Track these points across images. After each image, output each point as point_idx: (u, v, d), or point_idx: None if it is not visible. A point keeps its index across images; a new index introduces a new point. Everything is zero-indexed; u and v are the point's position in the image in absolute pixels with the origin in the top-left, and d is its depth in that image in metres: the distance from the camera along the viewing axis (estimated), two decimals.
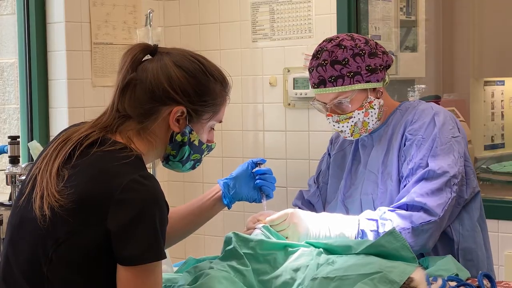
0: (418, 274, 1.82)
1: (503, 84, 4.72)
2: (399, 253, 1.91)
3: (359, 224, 2.08)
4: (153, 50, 1.75)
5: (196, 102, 1.74)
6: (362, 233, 2.07)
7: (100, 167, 1.58)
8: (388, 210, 2.09)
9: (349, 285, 1.78)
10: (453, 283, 1.83)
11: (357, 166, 2.33)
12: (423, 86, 4.60)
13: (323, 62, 2.20)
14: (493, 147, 4.46)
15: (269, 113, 3.71)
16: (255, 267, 1.95)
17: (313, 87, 2.24)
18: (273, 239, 2.05)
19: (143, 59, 1.74)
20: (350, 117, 2.21)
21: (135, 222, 1.53)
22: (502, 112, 4.68)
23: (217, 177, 3.88)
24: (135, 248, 1.53)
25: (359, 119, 2.21)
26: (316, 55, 2.24)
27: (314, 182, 2.51)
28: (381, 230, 2.05)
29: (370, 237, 2.06)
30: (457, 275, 1.92)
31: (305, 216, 2.10)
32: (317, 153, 3.56)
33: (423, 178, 2.09)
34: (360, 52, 2.19)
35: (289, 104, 3.63)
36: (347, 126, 2.23)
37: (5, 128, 3.74)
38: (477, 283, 1.84)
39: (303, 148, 3.61)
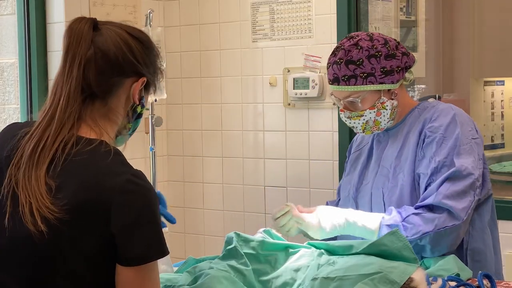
0: (418, 274, 1.83)
1: (503, 84, 4.72)
2: (401, 253, 1.91)
3: (380, 229, 2.11)
4: (95, 23, 1.68)
5: (151, 72, 1.72)
6: None
7: (88, 173, 1.54)
8: (413, 213, 2.10)
9: (350, 285, 1.78)
10: (453, 283, 1.83)
11: (370, 162, 2.36)
12: (423, 86, 4.60)
13: (338, 60, 2.22)
14: (493, 147, 4.46)
15: (269, 113, 3.71)
16: (256, 267, 1.95)
17: (329, 82, 2.28)
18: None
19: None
20: (361, 115, 2.24)
21: (138, 223, 1.52)
22: (502, 112, 4.68)
23: (217, 177, 3.89)
24: (141, 248, 1.53)
25: (370, 118, 2.24)
26: (334, 52, 2.26)
27: (338, 192, 2.53)
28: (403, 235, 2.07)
29: None
30: (458, 275, 1.92)
31: (321, 218, 2.16)
32: (317, 153, 3.57)
33: (448, 178, 2.11)
34: (376, 53, 2.21)
35: (289, 104, 3.63)
36: (358, 123, 2.26)
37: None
38: (477, 283, 1.84)
39: (303, 148, 3.61)
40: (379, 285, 1.76)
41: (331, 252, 2.02)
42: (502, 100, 4.69)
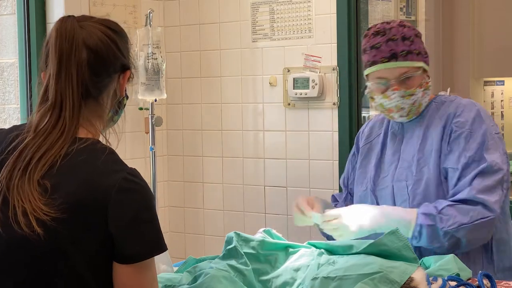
0: (418, 274, 1.83)
1: (503, 84, 4.73)
2: (401, 252, 1.91)
3: (417, 218, 2.12)
4: (77, 20, 1.66)
5: (131, 62, 1.72)
6: (421, 227, 2.12)
7: (84, 172, 1.54)
8: (447, 205, 2.12)
9: (350, 285, 1.78)
10: (453, 283, 1.83)
11: (385, 155, 2.38)
12: None
13: (393, 37, 2.24)
14: None
15: (269, 113, 3.71)
16: (256, 266, 1.95)
17: (382, 62, 2.25)
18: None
19: None
20: (413, 94, 2.25)
21: (136, 221, 1.53)
22: (502, 112, 4.69)
23: (217, 177, 3.89)
24: (139, 245, 1.53)
25: (418, 97, 2.26)
26: (380, 33, 2.27)
27: (344, 186, 2.54)
28: (439, 226, 2.09)
29: (428, 232, 2.10)
30: (458, 274, 1.92)
31: (358, 215, 2.15)
32: (317, 153, 3.57)
33: (480, 173, 2.14)
34: (418, 34, 2.29)
35: (289, 104, 3.63)
36: (408, 103, 2.26)
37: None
38: (477, 283, 1.84)
39: (303, 148, 3.61)
40: (379, 285, 1.76)
41: (331, 251, 2.02)
42: (502, 100, 4.70)
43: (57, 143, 1.57)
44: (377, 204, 2.33)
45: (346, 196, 2.51)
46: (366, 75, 2.32)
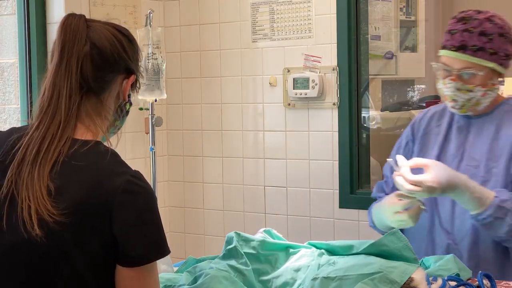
0: (418, 274, 1.83)
1: (503, 84, 4.71)
2: (401, 253, 1.91)
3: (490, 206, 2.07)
4: (86, 19, 1.68)
5: (138, 69, 1.72)
6: (490, 216, 2.07)
7: (88, 175, 1.54)
8: None
9: (350, 285, 1.78)
10: (453, 283, 1.83)
11: (448, 148, 2.30)
12: (423, 86, 4.61)
13: (471, 29, 2.19)
14: None
15: (269, 113, 3.71)
16: (256, 267, 1.95)
17: (450, 49, 2.20)
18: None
19: None
20: (470, 91, 2.20)
21: (140, 223, 1.52)
22: None
23: (217, 177, 3.89)
24: (142, 248, 1.53)
25: (476, 96, 2.20)
26: (463, 20, 2.21)
27: (389, 171, 2.38)
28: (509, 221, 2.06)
29: (495, 223, 2.08)
30: (458, 274, 1.92)
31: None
32: (317, 153, 3.57)
33: None
34: (505, 34, 2.20)
35: (289, 104, 3.63)
36: (462, 98, 2.21)
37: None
38: (477, 283, 1.84)
39: (303, 148, 3.61)
40: (379, 285, 1.76)
41: (331, 252, 2.02)
42: None
43: (57, 136, 1.57)
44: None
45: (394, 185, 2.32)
46: (438, 56, 2.25)
